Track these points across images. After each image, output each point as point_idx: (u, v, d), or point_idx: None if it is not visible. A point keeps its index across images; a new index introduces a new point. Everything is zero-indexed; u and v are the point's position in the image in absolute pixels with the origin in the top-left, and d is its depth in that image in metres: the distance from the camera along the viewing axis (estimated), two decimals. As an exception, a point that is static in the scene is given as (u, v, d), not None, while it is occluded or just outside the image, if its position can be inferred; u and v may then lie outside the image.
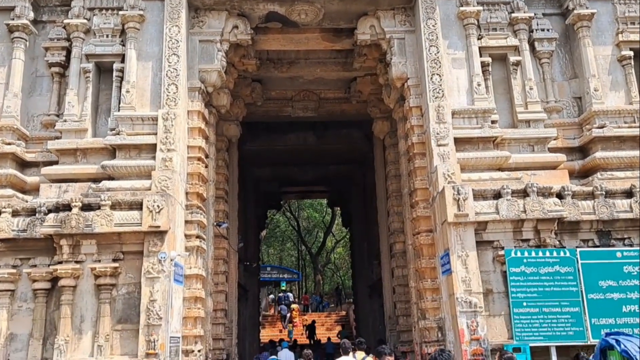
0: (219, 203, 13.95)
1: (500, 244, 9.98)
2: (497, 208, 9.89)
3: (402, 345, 13.44)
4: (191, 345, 10.35)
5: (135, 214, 9.71)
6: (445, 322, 10.16)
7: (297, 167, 22.81)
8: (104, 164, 10.57)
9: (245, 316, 21.34)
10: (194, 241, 10.77)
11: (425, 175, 11.25)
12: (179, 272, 10.07)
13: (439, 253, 10.52)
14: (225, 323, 14.08)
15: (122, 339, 9.49)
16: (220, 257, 13.84)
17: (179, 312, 10.14)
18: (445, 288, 10.13)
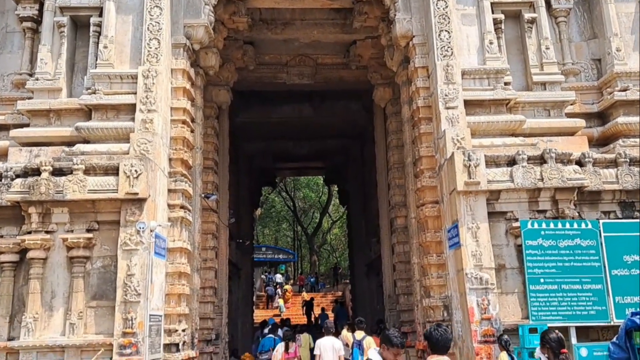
0: (207, 174, 13.01)
1: (514, 215, 9.08)
2: (511, 176, 8.97)
3: (402, 325, 12.62)
4: (174, 324, 9.47)
5: (111, 179, 8.76)
6: (452, 300, 9.31)
7: (293, 141, 21.83)
8: (79, 125, 9.58)
9: (237, 295, 20.52)
10: (178, 212, 9.84)
11: (431, 142, 10.31)
12: (160, 245, 9.15)
13: (445, 226, 9.62)
14: (214, 302, 13.23)
15: (97, 316, 8.60)
16: (209, 231, 12.94)
17: (161, 288, 9.24)
18: (452, 263, 9.25)
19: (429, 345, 4.39)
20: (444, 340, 4.34)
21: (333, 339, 10.10)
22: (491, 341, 8.29)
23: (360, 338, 10.58)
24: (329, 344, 9.95)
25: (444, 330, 4.39)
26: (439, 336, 4.33)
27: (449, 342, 4.37)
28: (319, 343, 10.16)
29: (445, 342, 4.34)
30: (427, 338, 4.43)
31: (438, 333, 4.35)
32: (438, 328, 4.41)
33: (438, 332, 4.36)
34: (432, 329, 4.41)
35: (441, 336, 4.33)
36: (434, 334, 4.36)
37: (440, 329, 4.40)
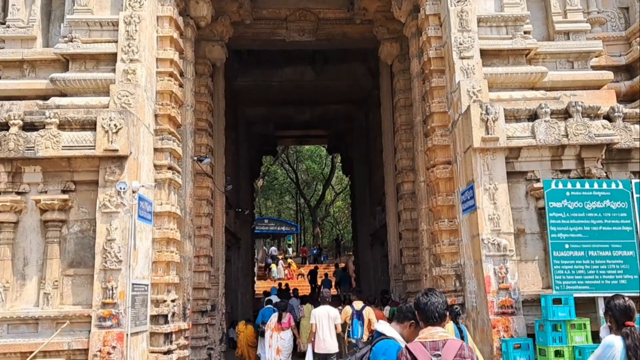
0: (200, 136, 12.13)
1: (535, 175, 8.19)
2: (532, 131, 8.05)
3: (409, 296, 11.86)
4: (163, 295, 8.71)
5: (88, 135, 7.89)
6: (465, 268, 8.49)
7: (294, 107, 20.89)
8: (54, 76, 8.68)
9: (237, 266, 19.85)
10: (166, 173, 8.99)
11: (444, 97, 9.38)
12: (145, 208, 8.33)
13: (459, 188, 8.76)
14: (210, 271, 12.49)
15: (74, 285, 7.82)
16: (203, 197, 12.12)
17: (147, 255, 8.45)
18: (466, 228, 8.41)
19: (420, 314, 3.43)
20: (437, 306, 3.36)
21: (329, 308, 9.69)
22: (509, 313, 7.49)
23: (359, 308, 9.96)
24: (324, 312, 9.60)
25: (436, 294, 3.43)
26: (428, 302, 3.37)
27: (443, 308, 3.39)
28: (314, 312, 9.80)
29: (438, 309, 3.35)
30: (416, 306, 3.47)
31: (427, 299, 3.38)
32: (429, 292, 3.46)
33: (428, 297, 3.41)
34: (421, 295, 3.46)
35: (433, 302, 3.36)
36: (422, 300, 3.40)
37: (432, 294, 3.44)
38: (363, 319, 9.92)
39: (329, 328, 9.49)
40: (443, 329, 3.35)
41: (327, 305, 9.83)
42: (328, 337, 9.47)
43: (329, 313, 9.61)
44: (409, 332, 3.55)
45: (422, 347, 3.20)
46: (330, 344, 9.56)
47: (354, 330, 9.69)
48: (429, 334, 3.29)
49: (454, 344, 3.23)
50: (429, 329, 3.33)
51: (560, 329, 6.97)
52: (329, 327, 9.48)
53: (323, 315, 9.57)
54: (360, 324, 9.70)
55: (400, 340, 3.50)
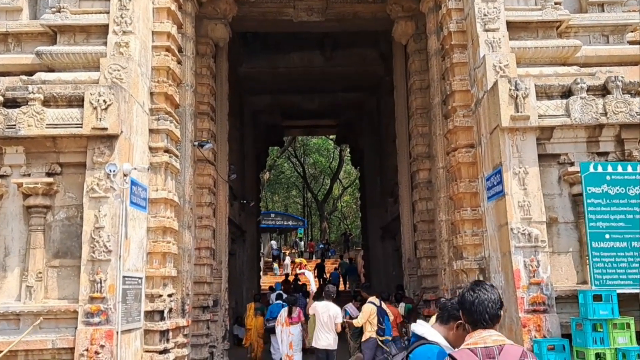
0: (202, 120, 11.38)
1: (569, 158, 7.40)
2: (567, 109, 7.24)
3: (425, 292, 11.09)
4: (158, 289, 7.98)
5: (75, 112, 7.16)
6: (491, 261, 7.71)
7: (302, 94, 20.10)
8: (40, 49, 7.96)
9: (242, 259, 19.15)
10: (162, 156, 8.24)
11: (466, 74, 8.58)
12: (139, 194, 7.59)
13: (483, 173, 7.96)
14: (212, 264, 11.75)
15: (60, 278, 7.11)
16: (205, 185, 11.37)
17: (141, 245, 7.72)
18: (492, 217, 7.62)
19: (466, 316, 2.65)
20: (488, 305, 2.57)
21: (330, 304, 9.23)
22: (541, 310, 6.70)
23: (379, 304, 9.36)
24: (324, 308, 9.18)
25: (486, 289, 2.63)
26: (476, 300, 2.58)
27: (495, 308, 2.61)
28: (315, 305, 9.35)
29: (489, 309, 2.58)
30: (461, 305, 2.69)
31: (475, 296, 2.60)
32: (476, 287, 2.66)
33: (475, 294, 2.62)
34: (467, 290, 2.68)
35: (482, 300, 2.58)
36: (468, 298, 2.62)
37: (481, 289, 2.64)
38: (387, 313, 9.34)
39: (327, 324, 9.06)
40: (497, 332, 2.57)
41: (330, 302, 9.34)
42: (324, 333, 9.07)
43: (329, 310, 9.17)
44: (456, 335, 2.78)
45: (472, 355, 2.45)
46: (327, 340, 9.12)
47: (387, 327, 9.14)
48: (479, 339, 2.54)
49: (513, 351, 2.49)
50: (479, 333, 2.57)
51: (602, 329, 6.17)
52: (327, 323, 9.05)
53: (322, 311, 9.14)
54: (388, 319, 9.24)
55: (445, 345, 2.73)
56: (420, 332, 2.80)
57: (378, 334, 9.14)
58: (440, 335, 2.77)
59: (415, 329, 2.84)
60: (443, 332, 2.80)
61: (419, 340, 2.76)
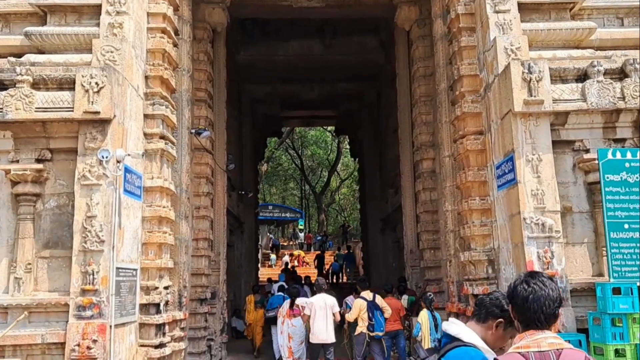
0: (199, 107, 11.02)
1: (584, 145, 7.08)
2: (583, 93, 6.92)
3: (428, 284, 10.79)
4: (154, 281, 7.65)
5: (65, 95, 6.79)
6: (501, 252, 7.40)
7: (301, 83, 19.70)
8: (29, 30, 7.58)
9: (240, 251, 18.83)
10: (157, 143, 7.89)
11: (475, 58, 8.23)
12: (133, 182, 7.24)
13: (493, 161, 7.64)
14: (210, 256, 11.42)
15: (50, 269, 6.77)
16: (202, 174, 11.01)
17: (136, 236, 7.38)
18: (502, 207, 7.30)
19: (517, 312, 2.22)
20: (545, 302, 2.15)
21: (325, 296, 9.06)
22: (556, 304, 6.38)
23: (371, 298, 9.16)
24: (320, 302, 8.96)
25: (544, 282, 2.19)
26: (531, 295, 2.15)
27: (554, 306, 2.18)
28: (310, 301, 9.14)
29: (546, 307, 2.14)
30: (511, 299, 2.25)
31: (530, 290, 2.16)
32: (531, 280, 2.21)
33: (530, 287, 2.18)
34: (520, 284, 2.22)
35: (539, 296, 2.15)
36: (521, 292, 2.18)
37: (537, 282, 2.19)
38: (380, 309, 9.10)
39: (325, 318, 8.84)
40: (553, 333, 2.21)
41: (323, 294, 9.17)
42: (323, 328, 8.86)
43: (326, 302, 8.96)
44: (496, 336, 2.43)
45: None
46: (326, 334, 8.92)
47: (377, 323, 8.96)
48: (532, 342, 2.15)
49: (574, 356, 2.12)
50: (532, 334, 2.17)
51: (621, 323, 5.87)
52: (325, 317, 8.84)
53: (319, 305, 8.92)
54: (380, 314, 9.02)
55: (484, 348, 2.38)
56: (454, 332, 2.42)
57: (368, 329, 8.98)
58: (477, 336, 2.40)
59: (448, 329, 2.46)
60: (480, 332, 2.43)
61: (452, 342, 2.40)
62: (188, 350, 10.18)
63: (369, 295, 9.27)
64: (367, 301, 9.11)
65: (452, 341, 2.40)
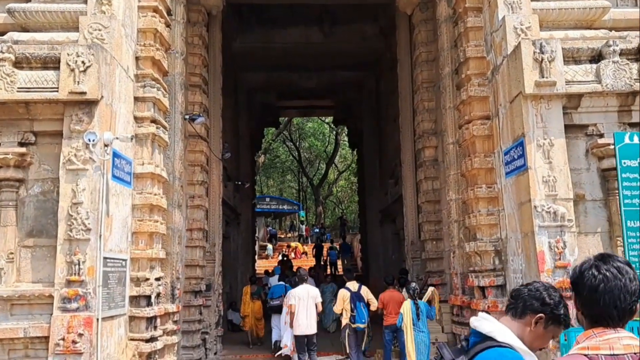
0: (194, 93, 10.63)
1: (597, 129, 6.72)
2: (597, 74, 6.56)
3: (430, 276, 10.46)
4: (144, 272, 7.29)
5: (50, 74, 6.41)
6: (508, 243, 7.05)
7: (299, 72, 19.29)
8: (12, 7, 7.17)
9: (237, 243, 18.48)
10: (149, 127, 7.51)
11: (482, 40, 7.86)
12: (122, 168, 6.88)
13: (500, 147, 7.28)
14: (205, 247, 11.07)
15: (34, 259, 6.40)
16: (197, 162, 10.64)
17: (125, 224, 7.02)
18: (510, 195, 6.96)
19: (582, 305, 1.84)
20: (621, 295, 1.76)
21: (308, 287, 9.01)
22: (568, 297, 6.01)
23: (356, 289, 9.04)
24: (303, 293, 8.86)
25: (619, 270, 1.79)
26: (608, 284, 1.77)
27: (633, 300, 1.78)
28: (292, 293, 8.98)
29: (623, 301, 1.76)
30: (575, 288, 1.88)
31: (601, 279, 1.79)
32: (603, 266, 1.83)
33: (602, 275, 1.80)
34: (588, 269, 1.82)
35: (612, 287, 1.76)
36: (591, 280, 1.80)
37: (611, 268, 1.81)
38: (364, 300, 8.91)
39: (308, 309, 8.72)
40: (629, 333, 1.79)
41: (306, 285, 9.06)
42: (306, 319, 8.75)
43: (309, 292, 8.87)
44: (535, 334, 2.04)
45: None
46: (309, 325, 8.82)
47: (359, 314, 8.81)
48: (602, 342, 1.75)
49: None
50: (602, 333, 1.77)
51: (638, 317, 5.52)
52: (308, 307, 8.72)
53: (302, 296, 8.79)
54: (363, 306, 8.87)
55: (521, 348, 2.00)
56: (486, 329, 2.01)
57: (350, 320, 8.82)
58: (513, 334, 2.01)
59: (479, 325, 2.04)
60: (516, 329, 2.03)
61: (483, 341, 2.02)
62: (182, 344, 9.85)
63: (354, 286, 9.08)
64: (351, 292, 8.93)
65: (483, 340, 2.02)
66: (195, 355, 10.07)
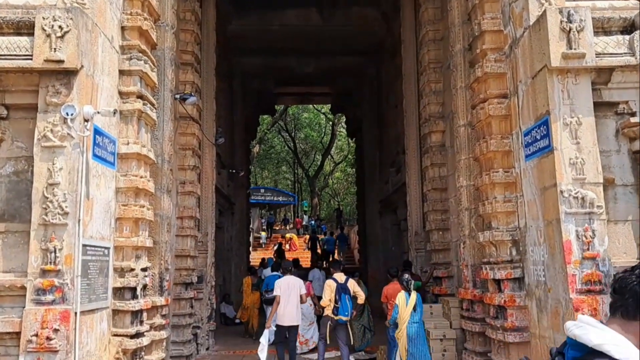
0: (185, 71, 10.00)
1: (629, 107, 6.11)
2: (631, 46, 5.95)
3: (436, 268, 9.89)
4: (129, 261, 6.65)
5: (24, 41, 5.74)
6: (528, 232, 6.46)
7: (297, 57, 18.63)
8: (-17, -32, 6.47)
9: (231, 234, 17.86)
10: (135, 103, 6.85)
11: (498, 12, 7.23)
12: (105, 146, 6.23)
13: (520, 127, 6.67)
14: (197, 236, 10.46)
15: (6, 246, 5.75)
16: (188, 146, 10.01)
17: (108, 209, 6.38)
18: (532, 179, 6.36)
19: None
20: None
21: (292, 278, 8.87)
22: (597, 290, 5.49)
23: (343, 281, 8.75)
24: (287, 283, 8.74)
25: None
26: None
27: None
28: (278, 283, 8.83)
29: None
30: None
31: None
32: None
33: None
34: None
35: None
36: None
37: None
38: (350, 292, 8.67)
39: (292, 299, 8.60)
40: None
41: (290, 276, 8.93)
42: (290, 310, 8.60)
43: (293, 284, 8.77)
44: None
45: None
46: (293, 316, 8.66)
47: (343, 307, 8.57)
48: None
49: None
50: None
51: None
52: (290, 298, 8.59)
53: (286, 287, 8.67)
54: (348, 298, 8.64)
55: None
56: (593, 340, 1.41)
57: (333, 312, 8.60)
58: (634, 347, 1.39)
59: (582, 334, 1.45)
60: (633, 335, 1.43)
61: (592, 357, 1.40)
62: (171, 339, 9.27)
63: (341, 277, 8.77)
64: (338, 283, 8.64)
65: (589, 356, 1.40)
66: (185, 351, 9.48)
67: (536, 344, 6.33)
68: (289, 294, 8.61)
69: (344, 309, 8.52)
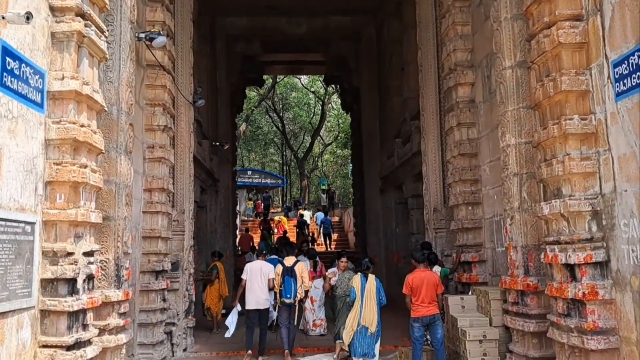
0: (154, 9, 8.15)
1: None
2: None
3: (463, 251, 8.12)
4: (64, 242, 4.73)
5: None
6: (618, 199, 4.66)
7: (287, 16, 16.68)
8: None
9: (215, 214, 15.97)
10: (74, 23, 4.88)
11: None
12: (26, 78, 4.31)
13: (605, 56, 4.84)
14: (170, 214, 8.59)
15: None
16: (158, 101, 8.08)
17: (31, 168, 4.46)
18: (624, 127, 4.54)
19: None
20: None
21: (262, 263, 8.96)
22: None
23: (291, 264, 8.74)
24: (257, 267, 8.85)
25: None
26: None
27: None
28: (247, 267, 8.98)
29: None
30: None
31: None
32: None
33: None
34: None
35: None
36: None
37: None
38: (296, 275, 8.63)
39: (260, 283, 8.68)
40: None
41: (261, 260, 9.05)
42: (258, 293, 8.69)
43: (262, 268, 8.82)
44: None
45: None
46: (261, 299, 8.72)
47: (286, 289, 8.59)
48: None
49: None
50: None
51: None
52: (261, 282, 8.68)
53: (255, 270, 8.77)
54: (293, 281, 8.63)
55: None
56: None
57: (280, 295, 8.66)
58: None
59: None
60: None
61: None
62: (138, 341, 7.48)
63: (289, 261, 8.82)
64: (284, 266, 8.71)
65: None
66: (156, 354, 7.68)
67: (630, 352, 4.58)
68: (255, 278, 8.67)
69: (287, 291, 8.58)
